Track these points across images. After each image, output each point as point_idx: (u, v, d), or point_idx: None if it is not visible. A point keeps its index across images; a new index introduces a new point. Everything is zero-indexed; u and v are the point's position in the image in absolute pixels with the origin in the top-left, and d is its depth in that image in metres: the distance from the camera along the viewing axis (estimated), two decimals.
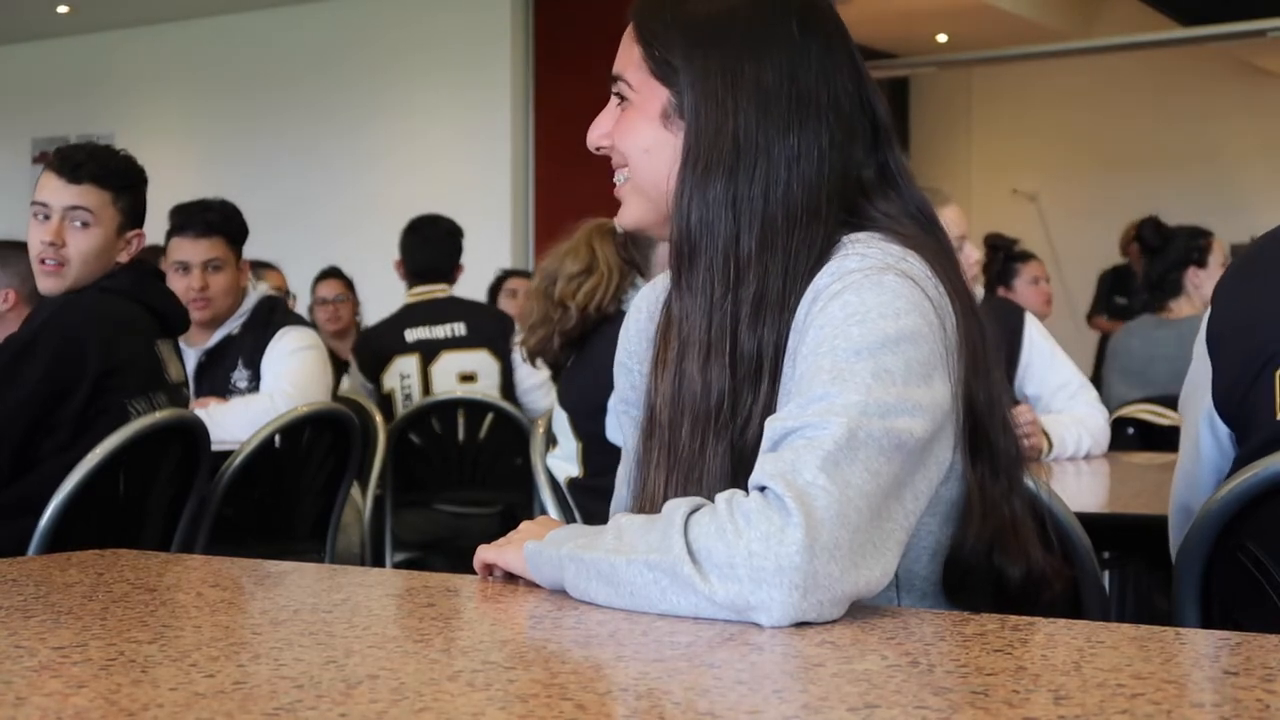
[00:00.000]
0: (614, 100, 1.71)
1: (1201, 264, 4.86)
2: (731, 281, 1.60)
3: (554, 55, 9.17)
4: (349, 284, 6.95)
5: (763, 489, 1.40)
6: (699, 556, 1.37)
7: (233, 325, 4.33)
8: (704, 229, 1.61)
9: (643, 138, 1.67)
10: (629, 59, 1.68)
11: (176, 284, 4.11)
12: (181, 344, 3.79)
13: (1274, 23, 9.75)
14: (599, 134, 1.71)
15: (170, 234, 4.35)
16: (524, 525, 1.64)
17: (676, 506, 1.43)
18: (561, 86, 9.00)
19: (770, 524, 1.35)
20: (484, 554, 1.62)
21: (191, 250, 4.27)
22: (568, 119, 8.87)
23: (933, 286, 1.55)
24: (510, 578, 1.59)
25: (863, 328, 1.48)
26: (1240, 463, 1.91)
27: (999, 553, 1.60)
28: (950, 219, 3.37)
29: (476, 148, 9.26)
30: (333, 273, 6.97)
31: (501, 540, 1.62)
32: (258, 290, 4.42)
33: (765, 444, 1.47)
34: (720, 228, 1.60)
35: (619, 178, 1.71)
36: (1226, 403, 1.93)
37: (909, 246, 1.59)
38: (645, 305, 1.85)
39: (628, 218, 1.72)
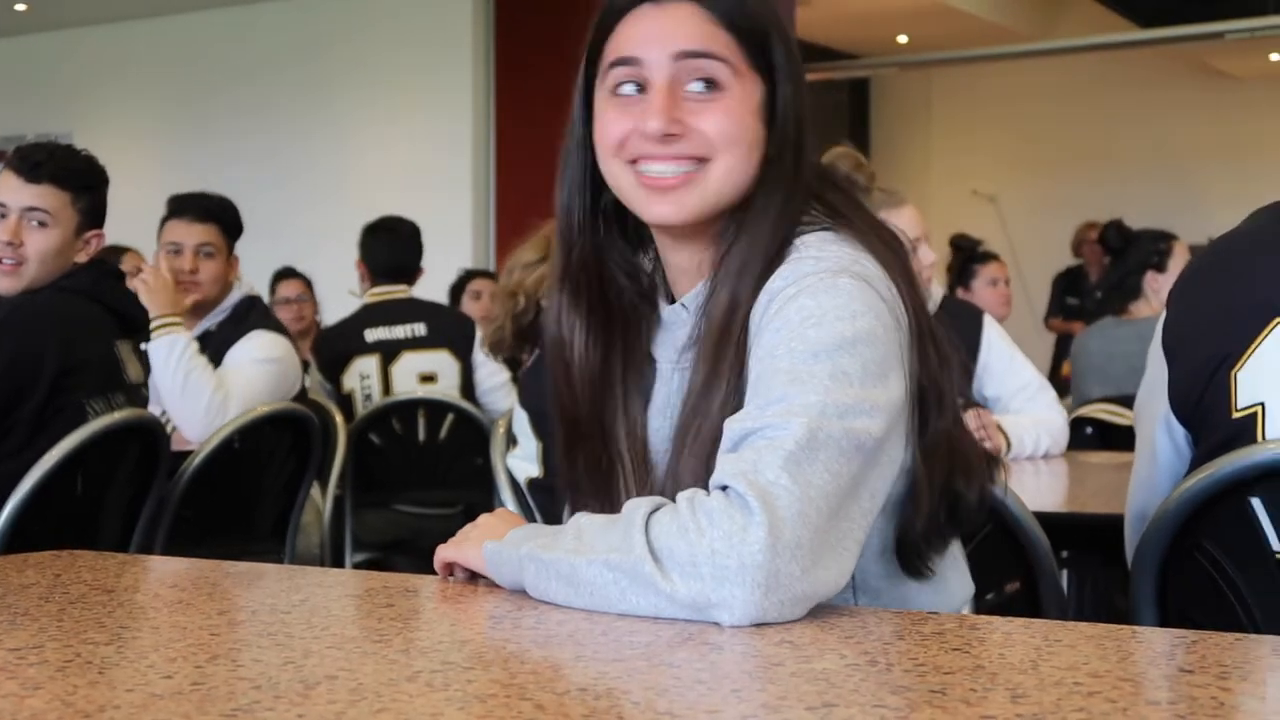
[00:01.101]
0: (666, 81, 1.60)
1: (1161, 268, 4.89)
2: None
3: (515, 56, 9.15)
4: (308, 283, 6.93)
5: (724, 488, 1.40)
6: (660, 555, 1.37)
7: (212, 321, 4.32)
8: (771, 231, 1.62)
9: (746, 130, 1.61)
10: (715, 40, 1.60)
11: (167, 265, 4.17)
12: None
13: (1232, 24, 9.82)
14: (669, 119, 1.59)
15: (166, 218, 4.39)
16: (482, 520, 1.64)
17: (637, 506, 1.43)
18: (522, 87, 8.99)
19: (733, 523, 1.35)
20: (443, 553, 1.62)
21: (186, 233, 4.30)
22: (529, 119, 8.89)
23: (886, 287, 1.56)
24: (471, 576, 1.60)
25: (819, 330, 1.48)
26: (1197, 464, 1.92)
27: (959, 477, 1.63)
28: (907, 220, 3.38)
29: (437, 147, 9.24)
30: (292, 272, 6.95)
31: (459, 537, 1.62)
32: (241, 288, 4.42)
33: (725, 444, 1.47)
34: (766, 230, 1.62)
35: (683, 167, 1.60)
36: (1183, 405, 1.94)
37: (861, 248, 1.60)
38: None
39: (690, 210, 1.62)
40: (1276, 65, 11.69)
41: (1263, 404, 1.86)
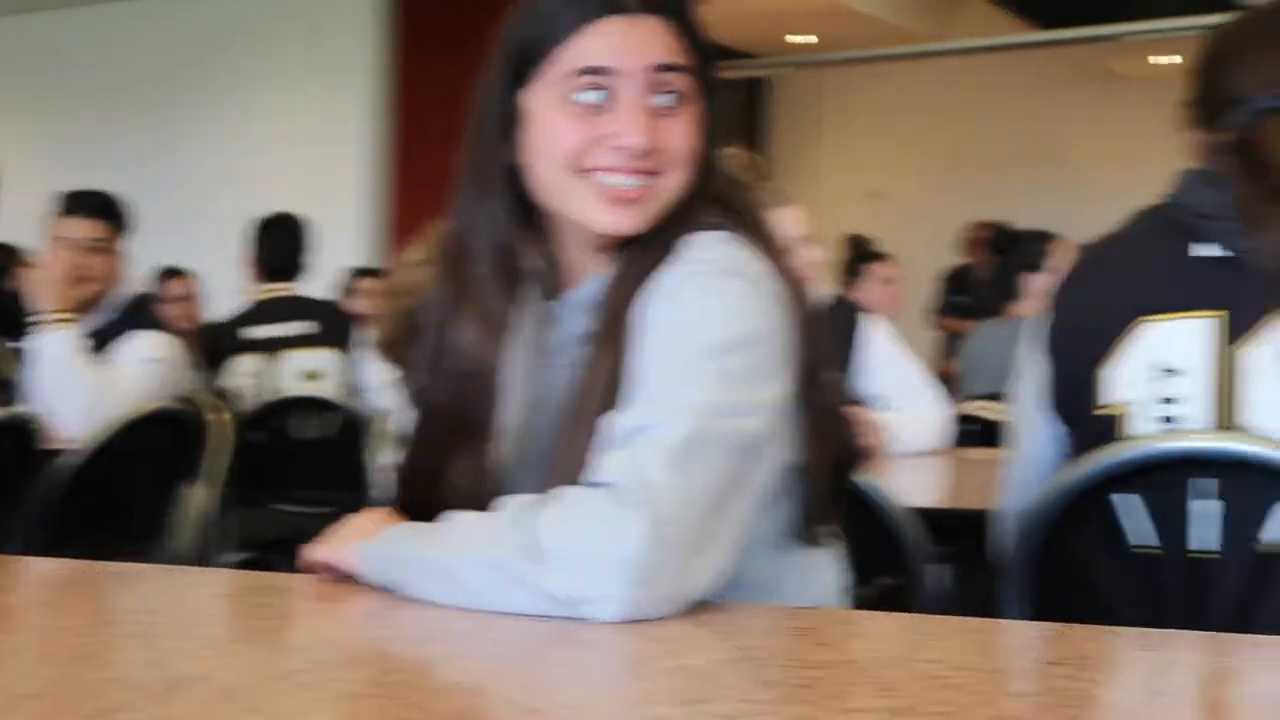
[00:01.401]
0: (639, 94, 1.59)
1: (1036, 269, 4.97)
2: None
3: (412, 56, 9.09)
4: (194, 280, 6.87)
5: (604, 484, 1.40)
6: (538, 552, 1.36)
7: (101, 318, 4.27)
8: (678, 234, 1.63)
9: (697, 144, 1.63)
10: (682, 55, 1.61)
11: (57, 261, 4.15)
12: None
13: (1128, 27, 9.96)
14: (651, 136, 1.58)
15: (56, 215, 4.38)
16: (352, 520, 1.61)
17: (513, 503, 1.43)
18: (419, 87, 8.92)
19: (612, 519, 1.35)
20: (314, 553, 1.59)
21: (76, 229, 4.29)
22: (424, 119, 8.84)
23: (774, 288, 1.57)
24: (341, 577, 1.58)
25: (707, 330, 1.49)
26: (1070, 455, 1.97)
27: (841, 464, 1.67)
28: (790, 219, 3.40)
29: (332, 146, 9.15)
30: (178, 271, 6.88)
31: (329, 537, 1.59)
32: (131, 288, 4.39)
33: (607, 440, 1.47)
34: None
35: (643, 180, 1.60)
36: (1060, 401, 1.99)
37: (751, 248, 1.61)
38: None
39: (644, 221, 1.60)
40: (1164, 67, 11.88)
41: (1124, 402, 1.90)
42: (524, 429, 1.69)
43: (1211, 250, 1.90)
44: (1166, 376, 1.88)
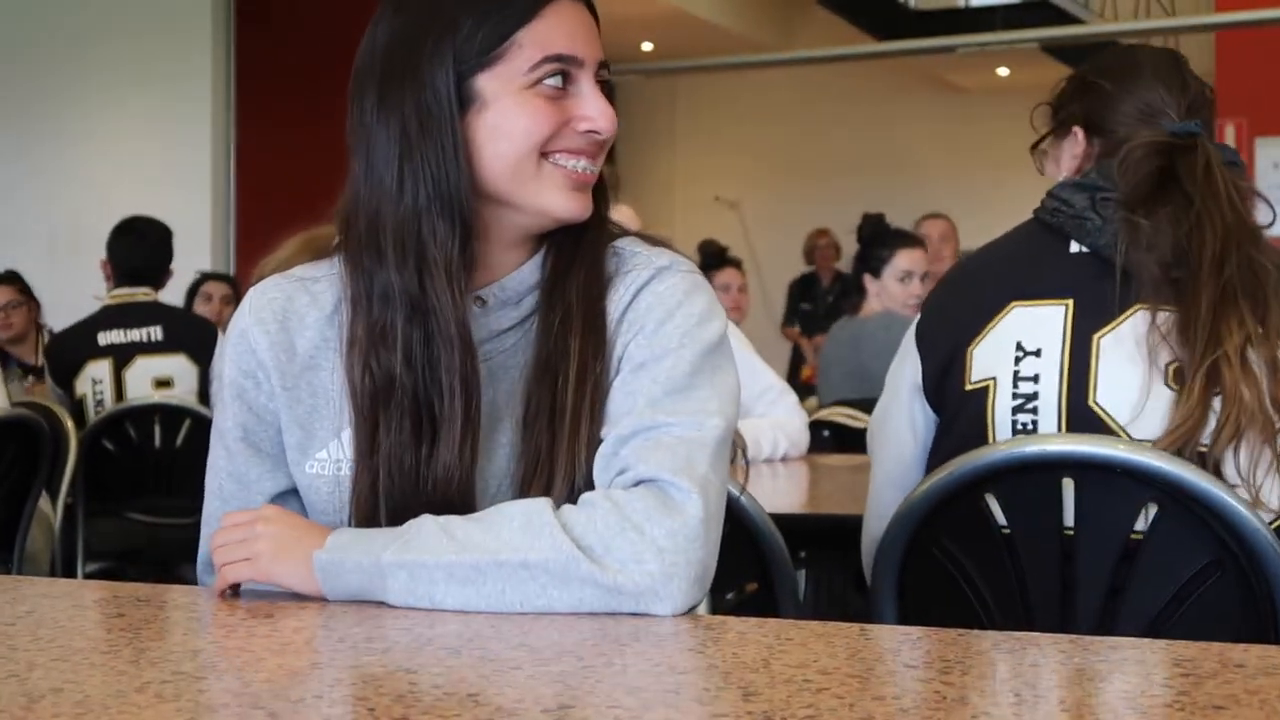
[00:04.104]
0: (593, 83, 1.64)
1: (876, 274, 5.08)
2: None
3: (255, 56, 8.98)
4: (23, 289, 6.67)
5: (652, 481, 1.47)
6: (597, 551, 1.41)
7: None
8: (601, 223, 1.70)
9: None
10: (602, 50, 1.66)
11: None
12: None
13: (963, 39, 10.15)
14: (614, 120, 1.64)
15: None
16: (261, 531, 1.53)
17: (532, 505, 1.46)
18: (264, 88, 8.83)
19: (674, 518, 1.43)
20: (235, 574, 1.53)
21: None
22: (270, 121, 8.75)
23: None
24: (236, 590, 1.54)
25: (705, 329, 1.59)
26: (939, 439, 2.09)
27: None
28: (626, 218, 3.41)
29: (176, 148, 8.99)
30: (5, 278, 6.68)
31: (244, 553, 1.52)
32: None
33: (628, 430, 1.52)
34: None
35: (595, 165, 1.64)
36: (931, 388, 2.11)
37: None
38: (272, 314, 1.70)
39: (591, 208, 1.65)
40: (1003, 79, 12.13)
41: (994, 378, 1.99)
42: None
43: (1086, 248, 2.03)
44: (1025, 356, 2.00)
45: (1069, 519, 1.89)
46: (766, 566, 2.10)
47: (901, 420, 2.16)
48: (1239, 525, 1.77)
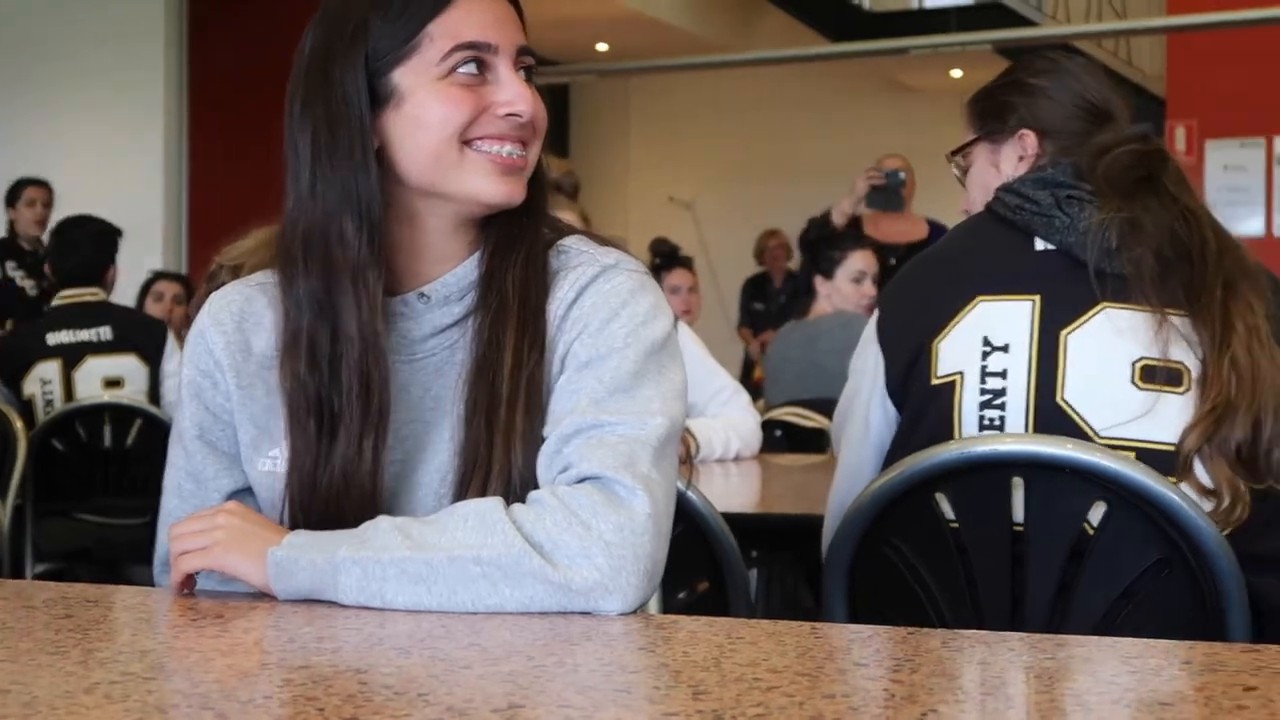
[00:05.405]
0: (520, 72, 1.64)
1: (828, 275, 5.10)
2: None
3: (207, 54, 8.95)
4: None
5: (595, 478, 1.47)
6: (545, 547, 1.41)
7: None
8: (539, 217, 1.71)
9: None
10: (524, 36, 1.66)
11: None
12: None
13: (916, 41, 10.19)
14: (534, 107, 1.64)
15: None
16: (223, 522, 1.54)
17: (484, 504, 1.46)
18: (216, 86, 8.80)
19: (620, 514, 1.44)
20: (189, 564, 1.54)
21: None
22: (222, 119, 8.70)
23: None
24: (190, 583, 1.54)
25: (651, 328, 1.58)
26: (906, 433, 2.08)
27: None
28: (570, 219, 3.41)
29: (127, 146, 8.96)
30: None
31: (202, 544, 1.53)
32: None
33: (570, 429, 1.52)
34: None
35: (520, 149, 1.64)
36: (896, 383, 2.11)
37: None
38: (229, 315, 1.71)
39: (523, 193, 1.65)
40: (956, 80, 12.18)
41: (961, 372, 2.00)
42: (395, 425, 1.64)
43: (1051, 246, 2.05)
44: (993, 351, 2.01)
45: (1019, 517, 1.90)
46: (718, 566, 2.11)
47: (865, 413, 2.17)
48: (1187, 524, 1.79)
